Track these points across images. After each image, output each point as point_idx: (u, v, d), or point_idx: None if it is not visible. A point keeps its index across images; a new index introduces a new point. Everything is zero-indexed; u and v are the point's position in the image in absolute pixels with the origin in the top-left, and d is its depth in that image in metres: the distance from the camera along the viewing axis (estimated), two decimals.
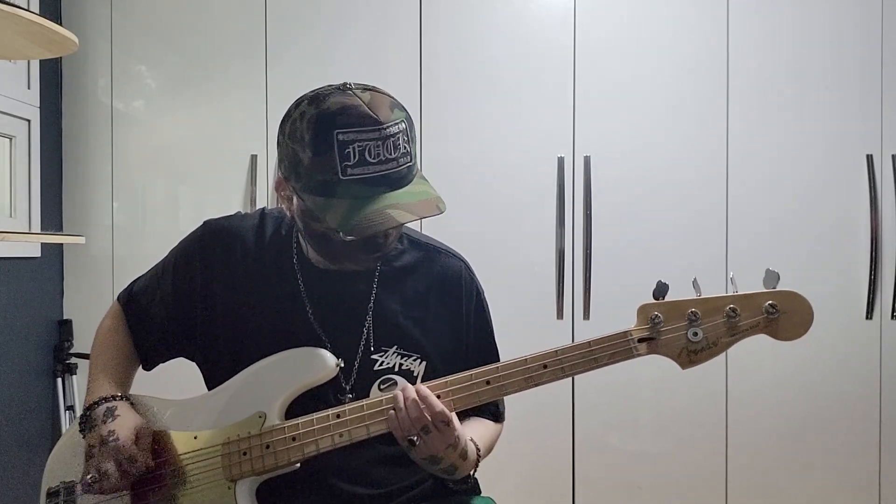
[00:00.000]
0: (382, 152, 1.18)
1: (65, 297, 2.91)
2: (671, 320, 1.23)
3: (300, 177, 1.22)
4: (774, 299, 1.21)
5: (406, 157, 1.21)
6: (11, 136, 2.65)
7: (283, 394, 1.31)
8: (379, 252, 1.32)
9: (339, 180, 1.18)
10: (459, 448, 1.26)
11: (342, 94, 1.20)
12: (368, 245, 1.29)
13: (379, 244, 1.30)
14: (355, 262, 1.33)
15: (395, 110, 1.21)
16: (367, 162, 1.17)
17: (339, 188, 1.18)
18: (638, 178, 2.74)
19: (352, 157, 1.17)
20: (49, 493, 1.38)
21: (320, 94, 1.22)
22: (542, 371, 1.24)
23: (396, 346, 1.38)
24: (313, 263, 1.41)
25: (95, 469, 1.28)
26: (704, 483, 2.74)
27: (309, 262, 1.41)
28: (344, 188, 1.18)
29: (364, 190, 1.18)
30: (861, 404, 2.70)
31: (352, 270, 1.40)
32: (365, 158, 1.17)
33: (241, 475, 1.28)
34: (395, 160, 1.19)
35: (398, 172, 1.20)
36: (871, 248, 2.65)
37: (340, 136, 1.17)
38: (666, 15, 2.74)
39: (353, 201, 1.18)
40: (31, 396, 2.75)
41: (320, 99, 1.21)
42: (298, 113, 1.23)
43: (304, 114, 1.21)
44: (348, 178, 1.17)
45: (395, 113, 1.21)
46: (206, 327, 1.42)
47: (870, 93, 2.67)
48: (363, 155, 1.17)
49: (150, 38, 2.88)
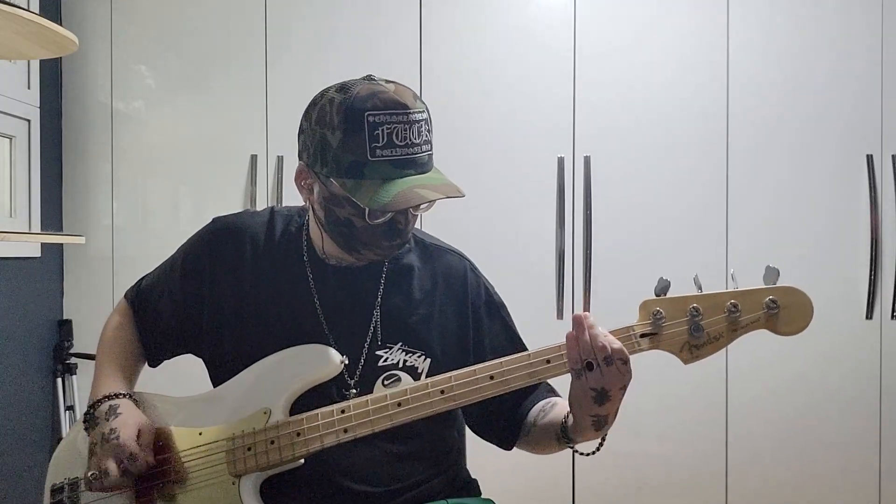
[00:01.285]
0: (409, 136, 1.24)
1: (65, 297, 2.90)
2: (673, 316, 1.23)
3: (327, 161, 1.26)
4: (774, 294, 1.22)
5: (428, 146, 1.28)
6: (11, 136, 2.65)
7: (288, 390, 1.31)
8: (399, 238, 1.33)
9: (368, 161, 1.22)
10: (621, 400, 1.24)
11: (369, 82, 1.27)
12: (390, 230, 1.30)
13: (399, 230, 1.31)
14: (376, 249, 1.33)
15: (417, 101, 1.27)
16: (395, 144, 1.23)
17: (367, 169, 1.23)
18: (638, 178, 2.75)
19: (381, 138, 1.22)
20: (53, 489, 1.39)
21: (347, 84, 1.28)
22: (545, 366, 1.25)
23: (401, 343, 1.39)
24: (323, 260, 1.42)
25: (97, 466, 1.29)
26: (704, 483, 2.75)
27: (319, 259, 1.42)
28: (372, 168, 1.22)
29: (391, 171, 1.23)
30: (861, 404, 2.70)
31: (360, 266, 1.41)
32: (392, 140, 1.22)
33: (245, 471, 1.28)
34: (419, 146, 1.26)
35: (421, 158, 1.27)
36: (871, 248, 2.66)
37: (371, 118, 1.22)
38: (666, 15, 2.75)
39: (381, 182, 1.23)
40: (31, 396, 2.75)
41: (348, 87, 1.26)
42: (326, 100, 1.27)
43: (333, 100, 1.26)
44: (377, 159, 1.22)
45: (418, 103, 1.27)
46: (213, 324, 1.42)
47: (870, 93, 2.68)
48: (391, 137, 1.22)
49: (150, 38, 2.89)
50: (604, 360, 1.18)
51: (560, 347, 1.24)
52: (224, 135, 2.85)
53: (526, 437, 1.44)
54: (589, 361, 1.18)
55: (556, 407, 1.41)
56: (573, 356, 1.20)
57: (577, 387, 1.22)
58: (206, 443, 1.32)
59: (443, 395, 1.26)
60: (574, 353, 1.20)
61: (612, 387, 1.20)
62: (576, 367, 1.20)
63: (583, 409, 1.24)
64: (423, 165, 1.27)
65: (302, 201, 1.40)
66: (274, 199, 2.80)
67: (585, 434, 1.29)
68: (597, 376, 1.19)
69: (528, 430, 1.43)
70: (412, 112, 1.24)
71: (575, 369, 1.20)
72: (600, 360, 1.18)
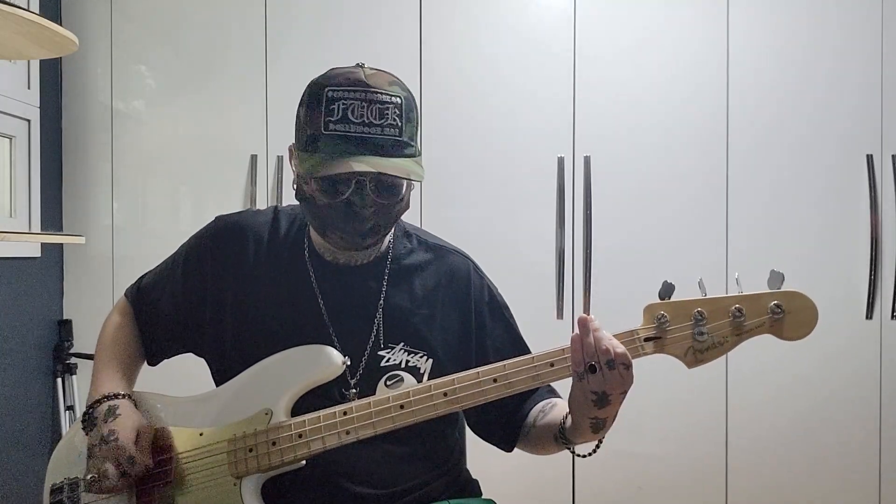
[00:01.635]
0: (366, 115, 1.24)
1: (65, 297, 2.90)
2: (677, 320, 1.23)
3: (298, 137, 1.30)
4: (779, 299, 1.22)
5: (392, 129, 1.25)
6: (11, 136, 2.64)
7: (290, 391, 1.31)
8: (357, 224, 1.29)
9: (321, 134, 1.24)
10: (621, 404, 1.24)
11: (351, 66, 1.29)
12: (347, 212, 1.28)
13: (355, 212, 1.28)
14: (340, 233, 1.31)
15: (393, 86, 1.27)
16: (349, 120, 1.23)
17: (321, 142, 1.24)
18: (638, 178, 2.75)
19: (336, 113, 1.23)
20: (53, 489, 1.38)
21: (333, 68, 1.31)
22: (548, 369, 1.25)
23: (403, 343, 1.39)
24: (325, 258, 1.42)
25: (95, 469, 1.29)
26: (704, 483, 2.75)
27: (321, 258, 1.42)
28: (325, 142, 1.24)
29: (343, 147, 1.23)
30: (861, 404, 2.70)
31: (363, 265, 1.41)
32: (347, 116, 1.23)
33: (246, 472, 1.28)
34: (380, 126, 1.24)
35: (381, 140, 1.24)
36: (871, 248, 2.66)
37: (330, 93, 1.25)
38: (666, 15, 2.74)
39: (330, 155, 1.23)
40: (31, 396, 2.75)
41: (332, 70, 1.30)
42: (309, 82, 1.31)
43: (311, 81, 1.31)
44: (329, 133, 1.24)
45: (393, 88, 1.27)
46: (216, 322, 1.42)
47: (870, 93, 2.68)
48: (346, 113, 1.23)
49: (150, 38, 2.88)
50: (606, 364, 1.18)
51: (563, 350, 1.24)
52: (224, 135, 2.84)
53: (525, 437, 1.45)
54: (592, 364, 1.18)
55: (555, 408, 1.41)
56: (577, 358, 1.20)
57: (578, 389, 1.23)
58: (207, 444, 1.32)
59: (446, 398, 1.26)
60: (578, 355, 1.20)
61: (613, 391, 1.20)
62: (578, 370, 1.20)
63: (582, 411, 1.24)
64: (384, 148, 1.24)
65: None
66: (274, 199, 2.80)
67: (583, 436, 1.29)
68: (598, 380, 1.19)
69: (527, 430, 1.44)
70: (375, 91, 1.24)
71: (577, 372, 1.20)
72: (603, 364, 1.18)
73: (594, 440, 1.31)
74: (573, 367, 1.21)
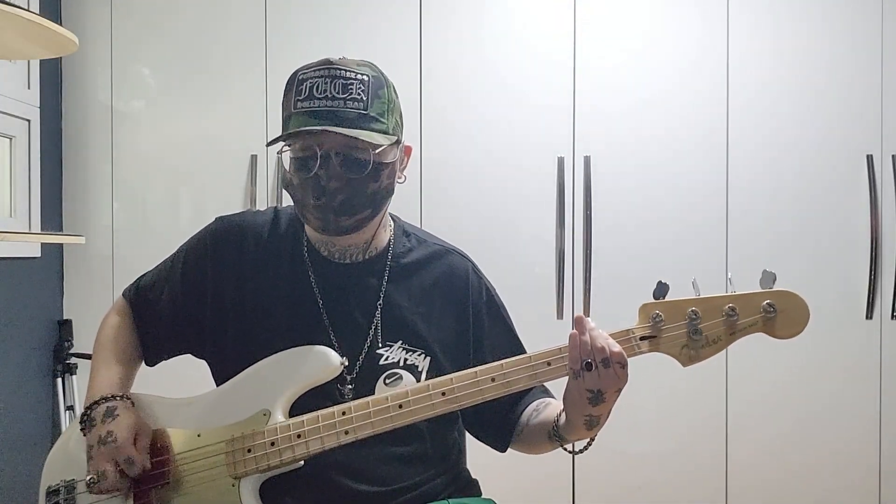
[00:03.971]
0: (329, 89, 1.29)
1: (65, 297, 2.91)
2: (672, 319, 1.25)
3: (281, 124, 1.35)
4: (772, 298, 1.23)
5: (356, 103, 1.29)
6: (11, 136, 2.65)
7: (287, 392, 1.31)
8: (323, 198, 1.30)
9: (292, 113, 1.30)
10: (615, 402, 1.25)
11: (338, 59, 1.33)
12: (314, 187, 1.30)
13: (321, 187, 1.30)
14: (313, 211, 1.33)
15: (362, 66, 1.32)
16: (314, 97, 1.29)
17: (291, 121, 1.30)
18: (638, 178, 2.75)
19: (303, 92, 1.30)
20: (49, 491, 1.38)
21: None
22: (546, 368, 1.26)
23: (402, 341, 1.39)
24: (322, 255, 1.42)
25: (94, 470, 1.29)
26: (704, 483, 2.75)
27: (319, 255, 1.43)
28: (295, 120, 1.29)
29: (307, 121, 1.28)
30: (861, 404, 2.70)
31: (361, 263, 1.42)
32: (312, 94, 1.29)
33: (245, 473, 1.28)
34: (343, 100, 1.28)
35: (344, 113, 1.28)
36: (871, 248, 2.66)
37: (300, 76, 1.32)
38: (666, 15, 2.75)
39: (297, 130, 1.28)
40: (31, 396, 2.75)
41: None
42: None
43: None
44: (298, 111, 1.29)
45: (363, 69, 1.32)
46: (215, 323, 1.43)
47: (870, 93, 2.68)
48: (311, 90, 1.29)
49: (150, 38, 2.89)
50: (601, 362, 1.19)
51: (560, 350, 1.25)
52: (224, 135, 2.85)
53: (518, 436, 1.45)
54: (588, 362, 1.19)
55: (548, 407, 1.42)
56: (573, 356, 1.21)
57: (573, 387, 1.24)
58: (205, 445, 1.32)
59: (444, 397, 1.27)
60: (575, 352, 1.21)
61: (609, 389, 1.21)
62: (575, 368, 1.21)
63: (577, 408, 1.25)
64: (348, 121, 1.28)
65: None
66: (274, 199, 2.80)
67: (577, 433, 1.30)
68: (594, 378, 1.20)
69: (520, 430, 1.45)
70: (339, 69, 1.29)
71: (574, 369, 1.21)
72: (598, 362, 1.19)
73: (588, 437, 1.32)
74: (570, 364, 1.22)
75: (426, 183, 2.71)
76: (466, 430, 1.53)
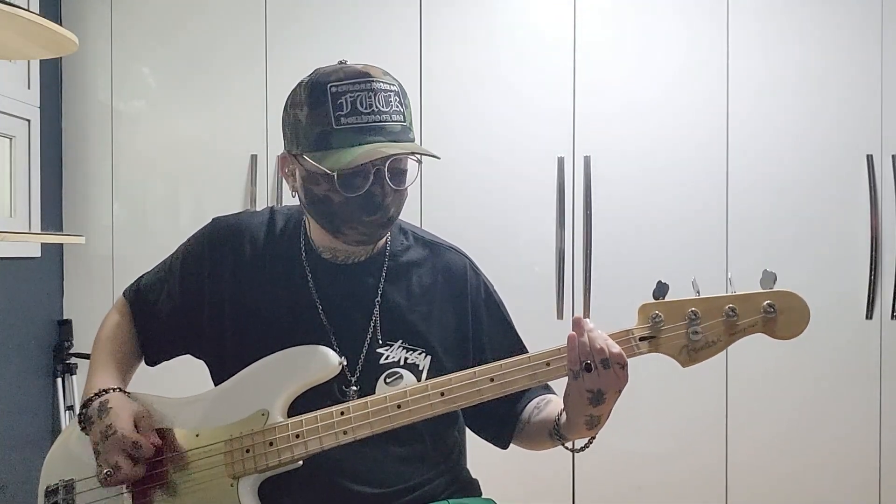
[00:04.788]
0: (374, 103, 1.25)
1: (65, 297, 2.91)
2: (671, 319, 1.24)
3: (300, 139, 1.29)
4: (772, 299, 1.23)
5: (398, 115, 1.28)
6: (11, 136, 2.65)
7: (286, 392, 1.31)
8: (379, 212, 1.31)
9: (334, 129, 1.25)
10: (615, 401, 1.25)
11: (338, 64, 1.31)
12: (367, 203, 1.29)
13: (378, 203, 1.29)
14: (358, 227, 1.32)
15: (386, 76, 1.29)
16: (359, 111, 1.25)
17: (333, 137, 1.25)
18: (638, 178, 2.75)
19: (344, 107, 1.25)
20: (48, 491, 1.38)
21: (319, 68, 1.32)
22: (545, 368, 1.25)
23: (402, 341, 1.39)
24: (322, 257, 1.42)
25: (106, 464, 1.28)
26: (704, 483, 2.75)
27: (318, 256, 1.42)
28: (339, 137, 1.24)
29: (357, 137, 1.24)
30: (861, 404, 2.70)
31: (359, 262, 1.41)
32: (357, 108, 1.25)
33: (243, 473, 1.28)
34: (388, 114, 1.26)
35: (391, 127, 1.26)
36: (871, 248, 2.66)
37: (333, 89, 1.25)
38: (666, 15, 2.74)
39: (347, 149, 1.24)
40: (31, 396, 2.75)
41: (318, 69, 1.32)
42: (298, 84, 1.32)
43: (302, 82, 1.31)
44: (342, 127, 1.24)
45: (387, 77, 1.29)
46: (214, 323, 1.42)
47: (870, 93, 2.68)
48: (355, 105, 1.25)
49: (150, 38, 2.89)
50: (601, 363, 1.19)
51: (559, 350, 1.25)
52: (224, 135, 2.85)
53: (520, 433, 1.45)
54: (587, 363, 1.19)
55: (549, 404, 1.42)
56: (572, 357, 1.21)
57: (573, 387, 1.23)
58: (204, 445, 1.31)
59: (443, 397, 1.26)
60: (573, 354, 1.21)
61: (609, 389, 1.21)
62: (574, 369, 1.21)
63: (578, 408, 1.25)
64: (395, 134, 1.26)
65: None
66: (274, 199, 2.80)
67: (578, 432, 1.30)
68: (594, 378, 1.20)
69: (522, 427, 1.45)
70: (375, 80, 1.26)
71: (573, 370, 1.21)
72: (597, 363, 1.19)
73: (589, 436, 1.32)
74: (569, 365, 1.22)
75: (426, 183, 2.71)
76: (468, 427, 1.53)
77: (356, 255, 1.42)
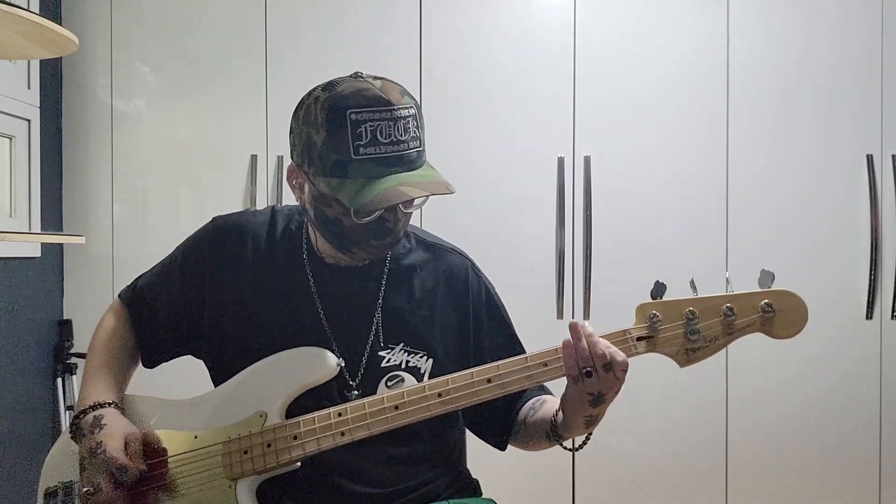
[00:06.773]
0: (394, 133, 1.22)
1: (65, 297, 2.91)
2: (669, 319, 1.24)
3: (314, 160, 1.26)
4: (770, 298, 1.23)
5: (416, 142, 1.26)
6: (11, 136, 2.65)
7: (284, 393, 1.31)
8: (389, 237, 1.32)
9: (352, 159, 1.21)
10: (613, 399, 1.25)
11: (355, 80, 1.26)
12: (379, 230, 1.29)
13: (389, 228, 1.30)
14: (367, 248, 1.32)
15: (405, 97, 1.25)
16: (379, 142, 1.21)
17: (351, 167, 1.22)
18: (638, 178, 2.74)
19: (364, 136, 1.21)
20: (47, 493, 1.38)
21: (334, 81, 1.27)
22: (542, 369, 1.26)
23: (403, 344, 1.38)
24: (324, 260, 1.41)
25: (89, 482, 1.28)
26: (704, 484, 2.74)
27: (319, 259, 1.42)
28: (357, 167, 1.22)
29: (376, 169, 1.22)
30: (861, 404, 2.70)
31: (361, 266, 1.41)
32: (377, 138, 1.21)
33: (242, 474, 1.28)
34: (406, 142, 1.24)
35: (409, 155, 1.24)
36: (871, 248, 2.66)
37: (353, 116, 1.21)
38: (666, 15, 2.74)
39: (365, 180, 1.22)
40: (31, 396, 2.75)
41: (333, 85, 1.26)
42: (312, 99, 1.27)
43: (318, 98, 1.25)
44: (361, 157, 1.21)
45: (405, 99, 1.25)
46: (214, 323, 1.42)
47: (870, 93, 2.67)
48: (375, 135, 1.21)
49: (151, 38, 2.88)
50: (602, 368, 1.19)
51: (557, 350, 1.25)
52: (224, 135, 2.84)
53: (516, 434, 1.46)
54: (588, 370, 1.19)
55: (545, 404, 1.42)
56: (570, 363, 1.20)
57: (573, 390, 1.23)
58: (202, 446, 1.32)
59: (440, 399, 1.27)
60: (571, 360, 1.20)
61: (609, 391, 1.21)
62: (572, 374, 1.20)
63: (577, 410, 1.25)
64: (412, 162, 1.25)
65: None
66: (274, 199, 2.80)
67: (576, 431, 1.31)
68: (594, 382, 1.20)
69: (518, 428, 1.45)
70: (396, 108, 1.22)
71: (572, 375, 1.21)
72: (598, 367, 1.18)
73: (585, 433, 1.33)
74: (567, 371, 1.22)
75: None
76: (468, 429, 1.53)
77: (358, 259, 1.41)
